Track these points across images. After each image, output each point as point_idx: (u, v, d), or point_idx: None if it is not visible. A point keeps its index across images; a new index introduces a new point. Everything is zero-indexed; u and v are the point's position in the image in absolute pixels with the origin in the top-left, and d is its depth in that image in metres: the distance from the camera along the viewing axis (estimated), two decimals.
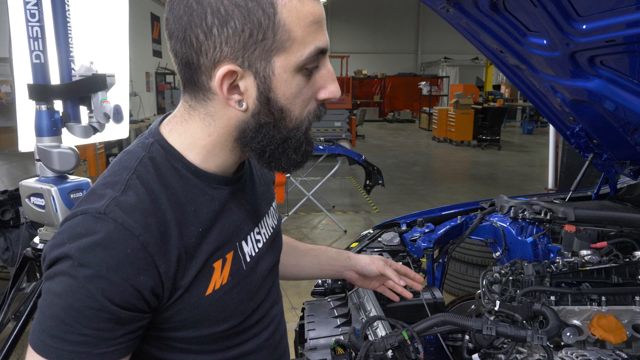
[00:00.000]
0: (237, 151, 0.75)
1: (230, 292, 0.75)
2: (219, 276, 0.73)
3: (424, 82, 18.63)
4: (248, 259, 0.80)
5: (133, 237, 0.64)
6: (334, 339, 1.29)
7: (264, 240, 0.86)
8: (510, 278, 1.42)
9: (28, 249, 1.97)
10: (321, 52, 0.69)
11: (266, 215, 0.89)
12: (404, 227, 2.08)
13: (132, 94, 9.72)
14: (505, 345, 1.31)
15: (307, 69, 0.69)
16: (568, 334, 1.20)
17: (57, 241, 0.65)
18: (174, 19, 0.66)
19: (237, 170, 0.81)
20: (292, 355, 1.34)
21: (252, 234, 0.82)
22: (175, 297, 0.69)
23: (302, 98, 0.71)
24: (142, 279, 0.64)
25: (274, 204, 0.95)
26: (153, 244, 0.65)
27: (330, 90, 0.72)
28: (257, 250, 0.82)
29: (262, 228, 0.86)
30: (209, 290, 0.72)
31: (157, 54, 12.30)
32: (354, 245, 1.99)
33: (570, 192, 2.13)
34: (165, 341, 0.74)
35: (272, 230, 0.90)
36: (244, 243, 0.80)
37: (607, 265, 1.40)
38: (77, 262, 0.62)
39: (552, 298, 1.28)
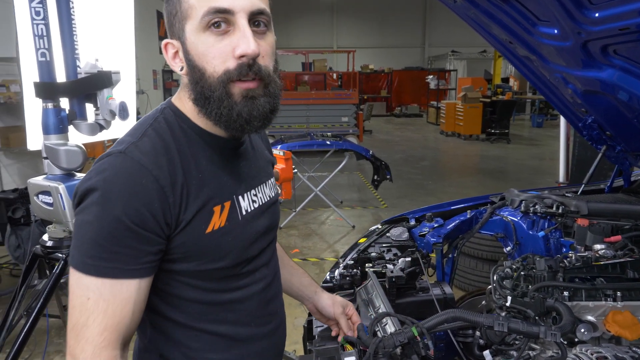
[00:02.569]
0: (206, 118, 0.89)
1: (227, 235, 0.90)
2: (218, 219, 0.89)
3: (431, 76, 18.49)
4: (244, 212, 0.95)
5: (147, 171, 0.80)
6: (342, 335, 1.28)
7: (261, 203, 1.00)
8: (522, 273, 1.40)
9: (37, 246, 1.98)
10: (221, 12, 0.80)
11: (264, 185, 1.04)
12: (412, 222, 2.06)
13: (140, 92, 9.74)
14: (517, 342, 1.29)
15: (214, 27, 0.81)
16: (582, 330, 1.17)
17: (86, 177, 0.81)
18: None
19: (238, 138, 0.95)
20: (300, 350, 1.33)
21: (248, 193, 0.97)
22: (181, 227, 0.84)
23: (213, 56, 0.82)
24: (155, 206, 0.80)
25: (272, 180, 1.10)
26: (163, 178, 0.81)
27: (242, 47, 0.81)
28: (252, 208, 0.97)
29: (259, 192, 1.01)
30: (209, 229, 0.87)
31: None
32: (362, 240, 1.98)
33: (583, 185, 2.10)
34: (170, 274, 0.88)
35: (268, 199, 1.04)
36: (240, 198, 0.95)
37: (622, 260, 1.37)
38: (102, 192, 0.77)
39: (566, 293, 1.26)
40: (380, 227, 2.09)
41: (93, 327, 0.78)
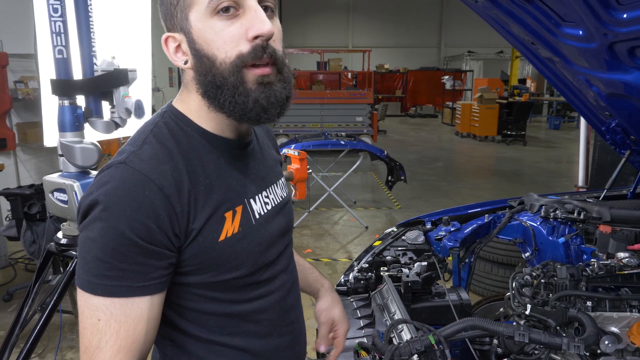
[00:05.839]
0: (218, 112, 0.85)
1: (241, 241, 0.85)
2: (230, 225, 0.84)
3: (447, 77, 18.33)
4: (257, 216, 0.90)
5: (149, 181, 0.75)
6: (357, 341, 1.26)
7: (273, 205, 0.96)
8: (542, 281, 1.36)
9: (52, 243, 1.99)
10: None
11: (275, 185, 0.99)
12: (428, 226, 2.02)
13: (155, 90, 9.80)
14: (536, 352, 1.25)
15: (222, 12, 0.76)
16: (606, 342, 1.13)
17: (88, 192, 0.77)
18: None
19: (244, 137, 0.91)
20: (313, 354, 1.31)
21: (259, 195, 0.92)
22: (191, 238, 0.79)
23: (224, 41, 0.77)
24: (162, 218, 0.75)
25: (282, 179, 1.05)
26: (167, 187, 0.76)
27: (256, 27, 0.77)
28: (265, 211, 0.93)
29: (270, 194, 0.96)
30: (222, 237, 0.82)
31: None
32: (377, 243, 1.95)
33: (605, 191, 2.04)
34: (184, 287, 0.83)
35: (281, 199, 1.00)
36: (252, 201, 0.90)
37: None
38: (104, 206, 0.73)
39: (589, 303, 1.22)
40: (395, 229, 2.06)
41: (106, 349, 0.74)
